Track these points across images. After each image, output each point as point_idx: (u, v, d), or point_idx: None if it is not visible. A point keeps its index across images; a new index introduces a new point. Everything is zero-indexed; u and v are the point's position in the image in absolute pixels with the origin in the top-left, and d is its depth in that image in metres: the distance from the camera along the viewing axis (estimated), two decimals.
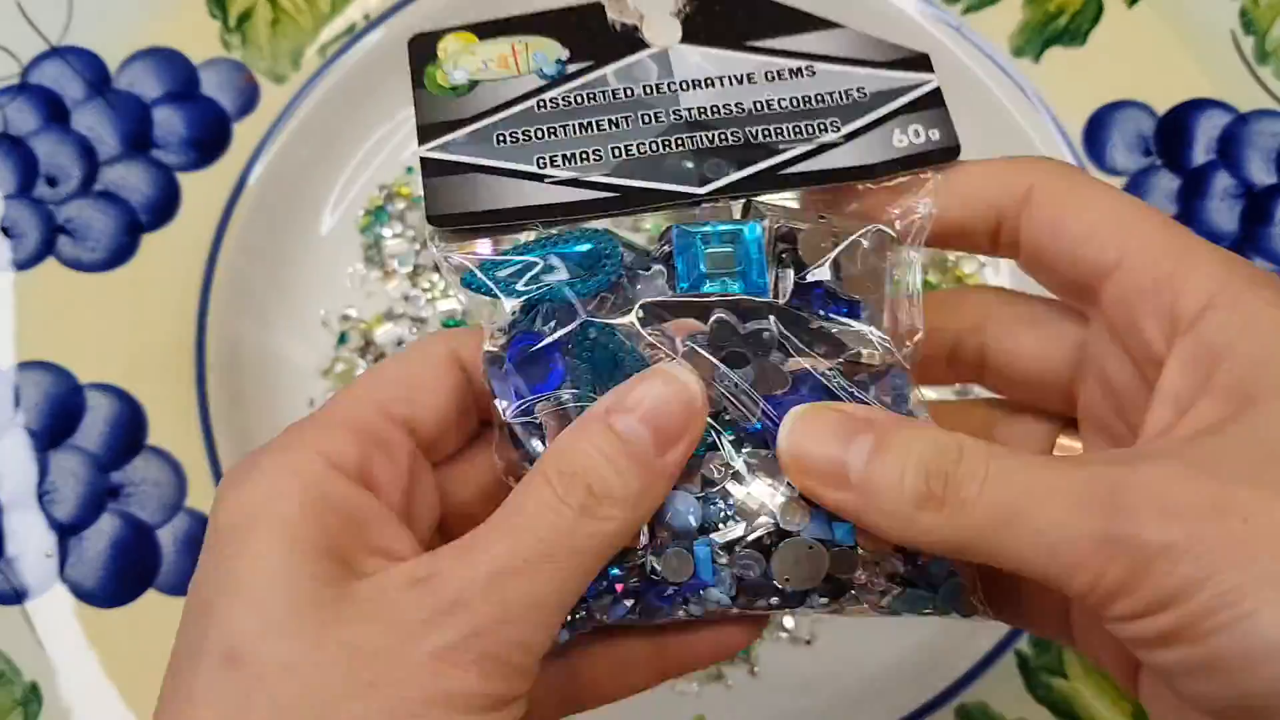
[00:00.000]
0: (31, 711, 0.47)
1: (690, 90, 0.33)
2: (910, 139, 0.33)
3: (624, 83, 0.33)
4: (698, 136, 0.32)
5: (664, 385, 0.28)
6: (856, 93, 0.33)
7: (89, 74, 0.53)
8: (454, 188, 0.32)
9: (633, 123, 0.32)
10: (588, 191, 0.32)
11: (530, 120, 0.32)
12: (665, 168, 0.32)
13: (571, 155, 0.32)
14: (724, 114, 0.33)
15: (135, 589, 0.48)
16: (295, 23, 0.54)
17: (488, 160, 0.32)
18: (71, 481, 0.49)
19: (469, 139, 0.32)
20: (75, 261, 0.51)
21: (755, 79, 0.33)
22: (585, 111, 0.33)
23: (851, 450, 0.27)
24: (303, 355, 0.52)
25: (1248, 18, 0.52)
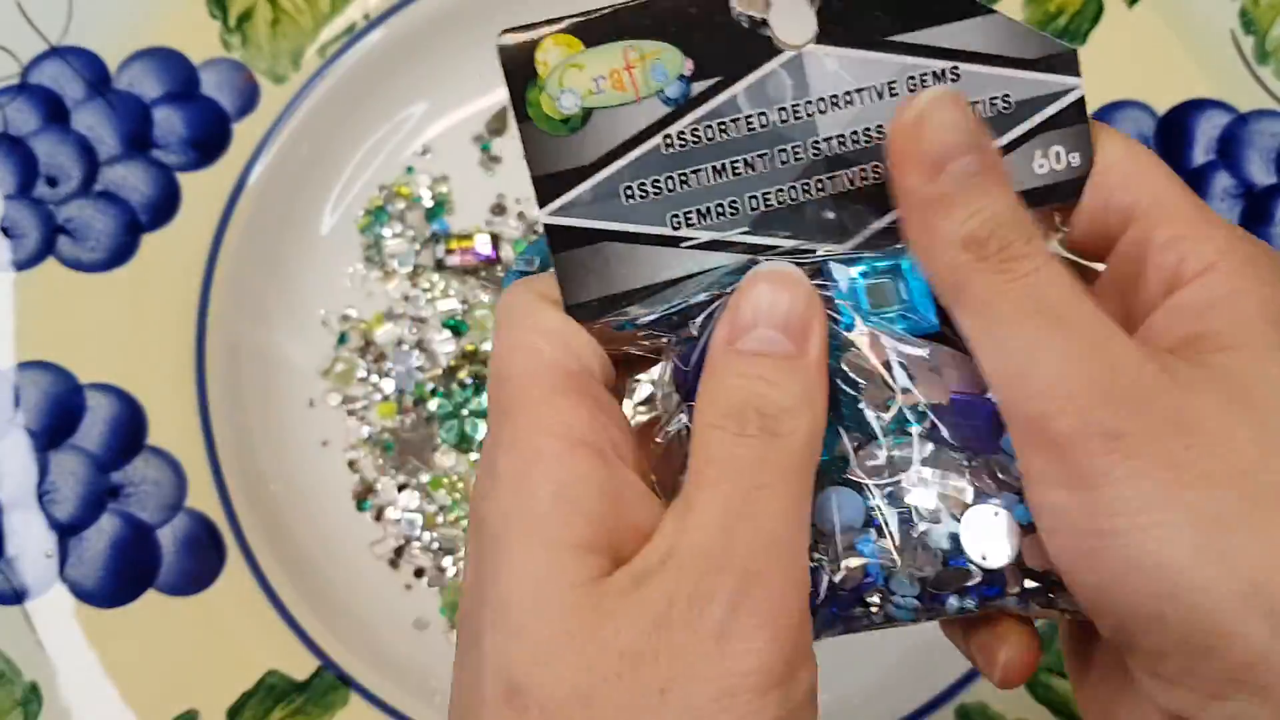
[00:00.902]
0: (31, 711, 0.47)
1: (829, 111, 0.29)
2: (1051, 164, 0.30)
3: (756, 106, 0.29)
4: (838, 177, 0.29)
5: (767, 286, 0.27)
6: (1001, 102, 0.29)
7: (89, 74, 0.53)
8: (585, 265, 0.28)
9: (769, 162, 0.29)
10: (729, 255, 0.29)
11: (659, 166, 0.28)
12: (807, 219, 0.29)
13: (707, 211, 0.29)
14: (864, 143, 0.29)
15: (135, 589, 0.48)
16: (295, 23, 0.54)
17: (618, 224, 0.28)
18: (71, 481, 0.49)
19: (594, 196, 0.28)
20: (75, 261, 0.51)
21: (897, 89, 0.29)
22: (718, 150, 0.29)
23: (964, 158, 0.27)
24: (303, 355, 0.52)
25: (1248, 17, 0.52)
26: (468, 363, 0.51)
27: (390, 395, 0.51)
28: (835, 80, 0.29)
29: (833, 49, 0.29)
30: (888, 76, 0.29)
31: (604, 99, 0.28)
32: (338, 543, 0.50)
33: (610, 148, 0.28)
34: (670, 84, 0.28)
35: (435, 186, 0.54)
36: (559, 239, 0.28)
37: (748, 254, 0.29)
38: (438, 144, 0.54)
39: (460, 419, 0.51)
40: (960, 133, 0.27)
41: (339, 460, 0.51)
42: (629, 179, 0.28)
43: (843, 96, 0.29)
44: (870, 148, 0.29)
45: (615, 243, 0.28)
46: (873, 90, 0.29)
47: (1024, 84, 0.29)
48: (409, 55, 0.54)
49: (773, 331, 0.27)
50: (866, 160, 0.29)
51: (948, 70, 0.29)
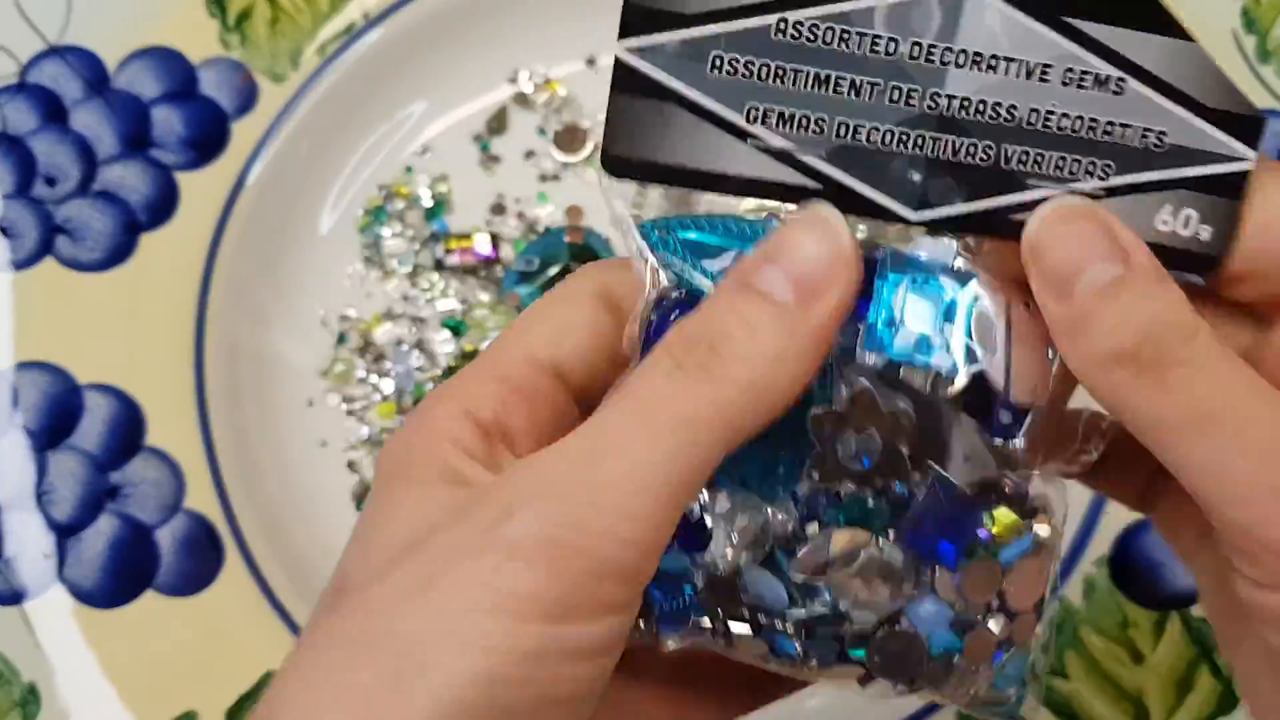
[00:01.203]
0: (30, 712, 0.47)
1: (967, 68, 0.26)
2: (1177, 226, 0.26)
3: (892, 30, 0.25)
4: (944, 141, 0.26)
5: (805, 229, 0.25)
6: (1154, 136, 0.26)
7: (87, 73, 0.53)
8: (642, 121, 0.26)
9: (878, 95, 0.26)
10: (792, 173, 0.26)
11: (760, 48, 0.25)
12: (888, 172, 0.26)
13: (790, 117, 0.26)
14: (989, 117, 0.26)
15: (134, 589, 0.48)
16: (294, 22, 0.54)
17: (693, 92, 0.26)
18: (70, 482, 0.49)
19: (681, 49, 0.25)
20: (73, 261, 0.51)
21: (1050, 76, 0.26)
22: (828, 59, 0.25)
23: (1093, 269, 0.24)
24: (302, 355, 0.52)
25: (1249, 17, 0.52)
26: (467, 363, 0.51)
27: (389, 395, 0.51)
28: (989, 37, 0.26)
29: (1001, 4, 0.26)
30: (1046, 57, 0.26)
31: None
32: (337, 543, 0.49)
33: (718, 6, 0.25)
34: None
35: (435, 186, 0.54)
36: (625, 80, 0.26)
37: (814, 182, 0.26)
38: (437, 143, 0.54)
39: None
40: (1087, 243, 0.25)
41: (338, 461, 0.51)
42: (724, 49, 0.25)
43: (988, 58, 0.26)
44: (992, 125, 0.26)
45: (682, 109, 0.26)
46: (1024, 65, 0.26)
47: (1188, 129, 0.26)
48: (408, 54, 0.54)
49: (781, 274, 0.24)
50: (981, 136, 0.26)
51: (1114, 79, 0.26)
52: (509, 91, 0.55)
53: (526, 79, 0.55)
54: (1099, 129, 0.26)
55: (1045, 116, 0.26)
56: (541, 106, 0.55)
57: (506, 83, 0.55)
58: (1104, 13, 0.25)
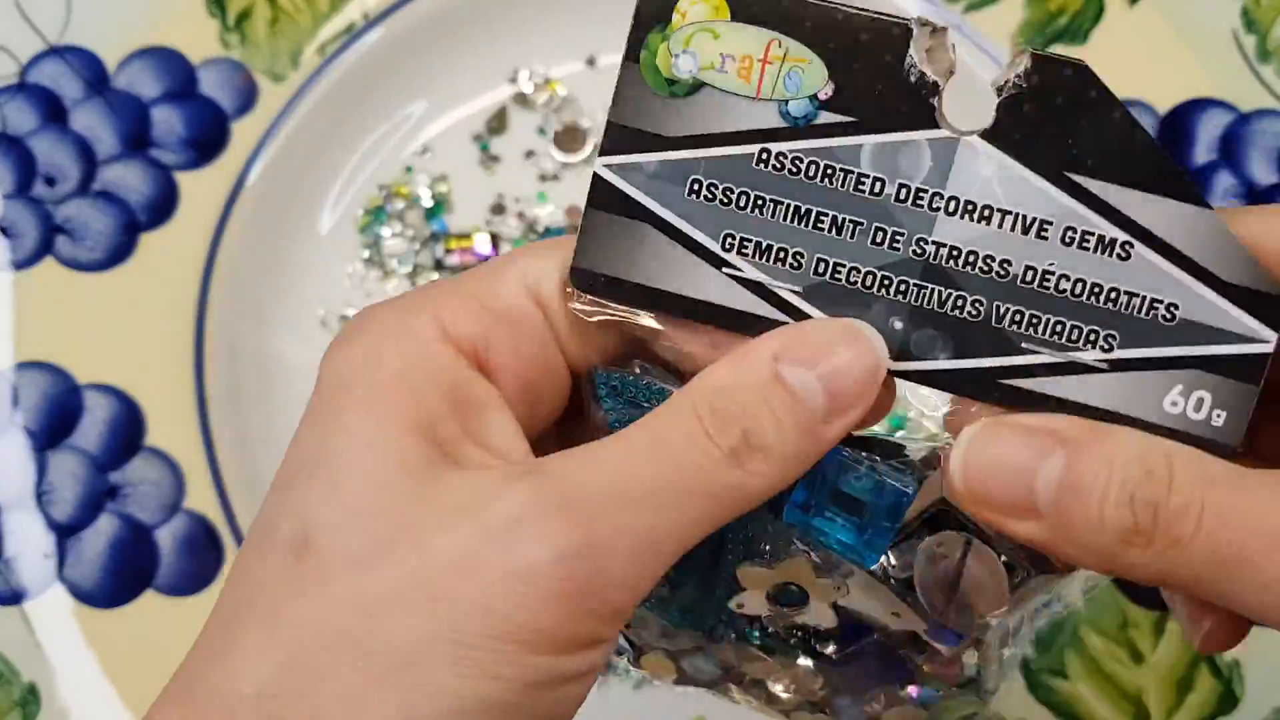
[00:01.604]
0: (30, 712, 0.47)
1: (956, 216, 0.24)
2: (1187, 409, 0.24)
3: (880, 170, 0.25)
4: (929, 291, 0.25)
5: (847, 345, 0.24)
6: (1164, 309, 0.24)
7: (87, 73, 0.53)
8: (615, 236, 0.25)
9: (861, 235, 0.25)
10: (765, 306, 0.25)
11: (741, 177, 0.25)
12: (868, 314, 0.25)
13: (767, 249, 0.25)
14: (980, 270, 0.24)
15: (133, 589, 0.48)
16: (294, 22, 0.54)
17: (669, 213, 0.25)
18: (70, 482, 0.49)
19: (661, 170, 0.25)
20: (73, 261, 0.51)
21: (1049, 233, 0.24)
22: (811, 194, 0.25)
23: (1040, 477, 0.23)
24: (302, 355, 0.52)
25: (1249, 17, 0.52)
26: None
27: None
28: (982, 187, 0.24)
29: (997, 153, 0.24)
30: (1045, 214, 0.24)
31: (723, 80, 0.25)
32: None
33: (702, 132, 0.25)
34: (799, 99, 0.25)
35: (434, 186, 0.54)
36: (602, 196, 0.25)
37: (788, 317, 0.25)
38: (437, 143, 0.54)
39: None
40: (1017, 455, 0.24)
41: None
42: (703, 174, 0.25)
43: (980, 208, 0.24)
44: (983, 279, 0.25)
45: (657, 231, 0.25)
46: (1020, 220, 0.24)
47: (1203, 305, 0.24)
48: (408, 54, 0.54)
49: (820, 387, 0.24)
50: (971, 291, 0.25)
51: (1120, 242, 0.24)
52: (509, 91, 0.55)
53: (526, 79, 0.55)
54: (1102, 295, 0.24)
55: (1043, 276, 0.24)
56: (541, 106, 0.55)
57: (506, 82, 0.55)
58: (1112, 172, 0.24)
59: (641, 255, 0.25)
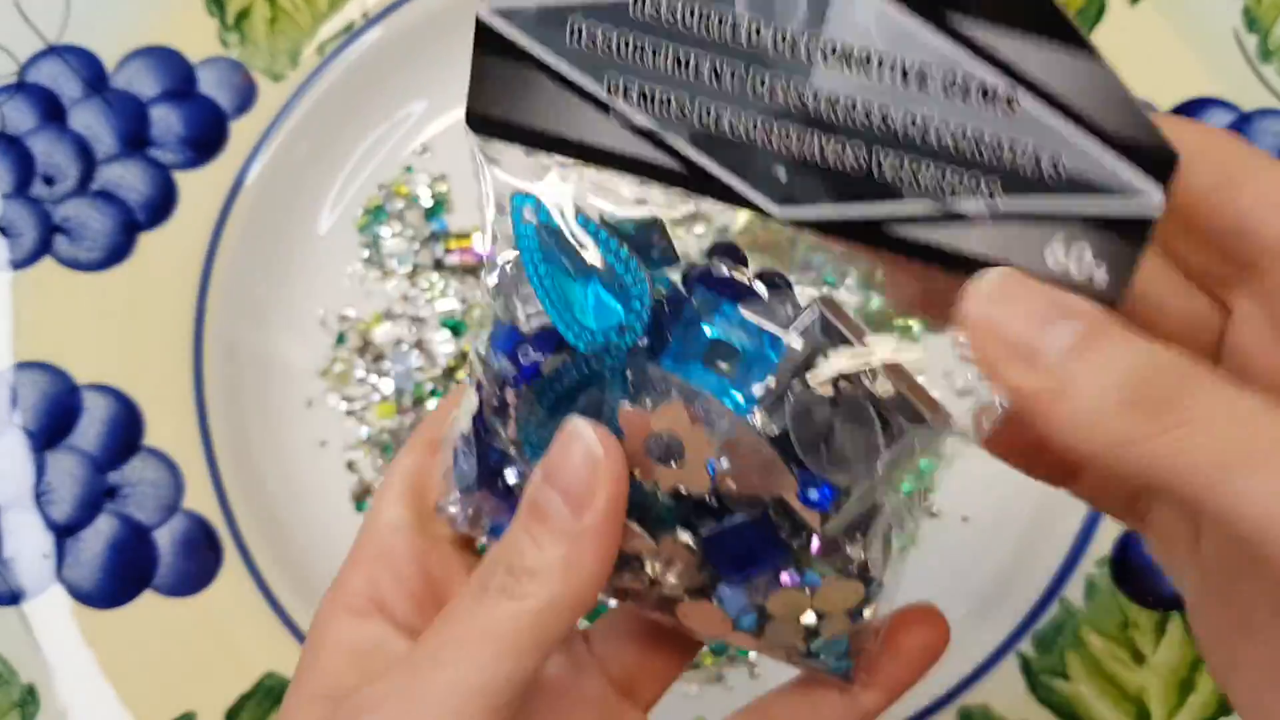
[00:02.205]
0: (29, 713, 0.47)
1: (834, 65, 0.23)
2: (1069, 264, 0.24)
3: (754, 13, 0.24)
4: (810, 138, 0.24)
5: (564, 444, 0.27)
6: (1049, 162, 0.23)
7: (86, 73, 0.53)
8: (505, 82, 0.25)
9: (740, 83, 0.24)
10: (656, 152, 0.25)
11: (617, 20, 0.24)
12: (752, 164, 0.25)
13: (650, 95, 0.25)
14: (860, 120, 0.24)
15: (132, 590, 0.48)
16: (293, 21, 0.54)
17: (553, 59, 0.25)
18: (68, 482, 0.49)
19: (539, 17, 0.25)
20: (72, 261, 0.51)
21: (930, 83, 0.23)
22: (687, 39, 0.24)
23: (1052, 332, 0.22)
24: (301, 355, 0.52)
25: (1251, 16, 0.52)
26: (466, 363, 0.51)
27: (389, 395, 0.51)
28: (860, 33, 0.23)
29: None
30: (926, 60, 0.23)
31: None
32: (336, 544, 0.49)
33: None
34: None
35: (434, 185, 0.54)
36: (487, 40, 0.25)
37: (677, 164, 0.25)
38: (437, 143, 0.54)
39: None
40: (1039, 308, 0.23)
41: (337, 461, 0.51)
42: (581, 20, 0.25)
43: (859, 55, 0.23)
44: (863, 129, 0.24)
45: (543, 75, 0.25)
46: (898, 67, 0.23)
47: (1088, 158, 0.23)
48: (408, 53, 0.54)
49: (553, 492, 0.26)
50: (851, 139, 0.24)
51: (1003, 91, 0.23)
52: None
53: None
54: (984, 145, 0.23)
55: (924, 125, 0.24)
56: None
57: None
58: (996, 15, 0.23)
59: (531, 99, 0.25)
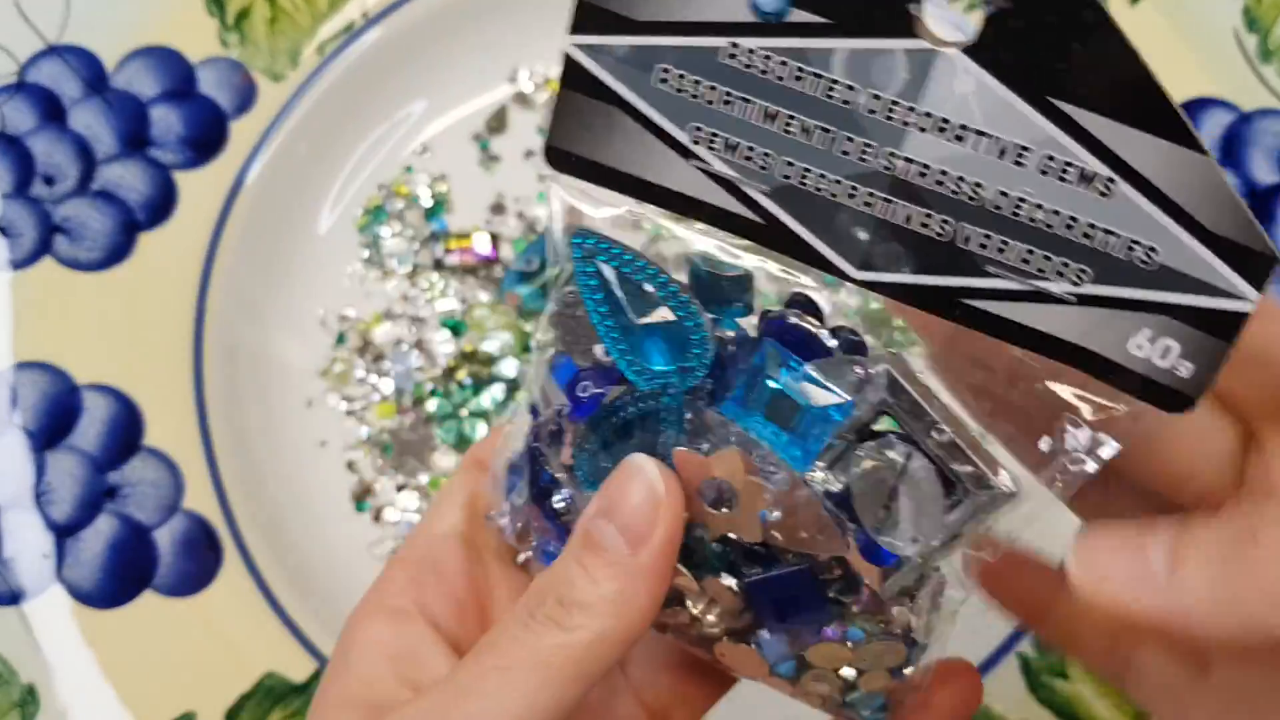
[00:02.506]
0: (29, 713, 0.47)
1: (929, 133, 0.23)
2: (1153, 354, 0.23)
3: (852, 77, 0.23)
4: (895, 207, 0.24)
5: (625, 479, 0.27)
6: (1141, 251, 0.23)
7: (86, 73, 0.53)
8: (587, 118, 0.25)
9: (830, 143, 0.24)
10: (736, 203, 0.25)
11: (711, 68, 0.24)
12: (834, 223, 0.24)
13: (734, 146, 0.24)
14: (948, 191, 0.23)
15: (132, 590, 0.48)
16: (293, 21, 0.54)
17: (638, 99, 0.24)
18: (68, 482, 0.49)
19: (630, 54, 0.24)
20: (72, 261, 0.51)
21: (1026, 160, 0.23)
22: (781, 95, 0.24)
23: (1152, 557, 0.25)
24: (300, 355, 0.52)
25: (1250, 16, 0.52)
26: (466, 363, 0.51)
27: (389, 395, 0.51)
28: (959, 105, 0.23)
29: (978, 70, 0.23)
30: (1022, 139, 0.23)
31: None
32: (336, 543, 0.50)
33: (670, 18, 0.24)
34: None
35: (434, 185, 0.54)
36: (574, 76, 0.25)
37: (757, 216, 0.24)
38: (436, 143, 0.54)
39: (459, 419, 0.51)
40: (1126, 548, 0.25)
41: (337, 461, 0.51)
42: (671, 62, 0.24)
43: (955, 127, 0.23)
44: (951, 199, 0.23)
45: (627, 115, 0.25)
46: (994, 143, 0.23)
47: (1184, 252, 0.23)
48: (407, 53, 0.54)
49: (611, 526, 0.27)
50: (938, 209, 0.24)
51: (1102, 177, 0.23)
52: (508, 91, 0.55)
53: (526, 78, 0.55)
54: (1077, 229, 0.23)
55: (1016, 203, 0.23)
56: (541, 106, 0.54)
57: (506, 82, 0.55)
58: (1101, 102, 0.23)
59: (613, 139, 0.25)
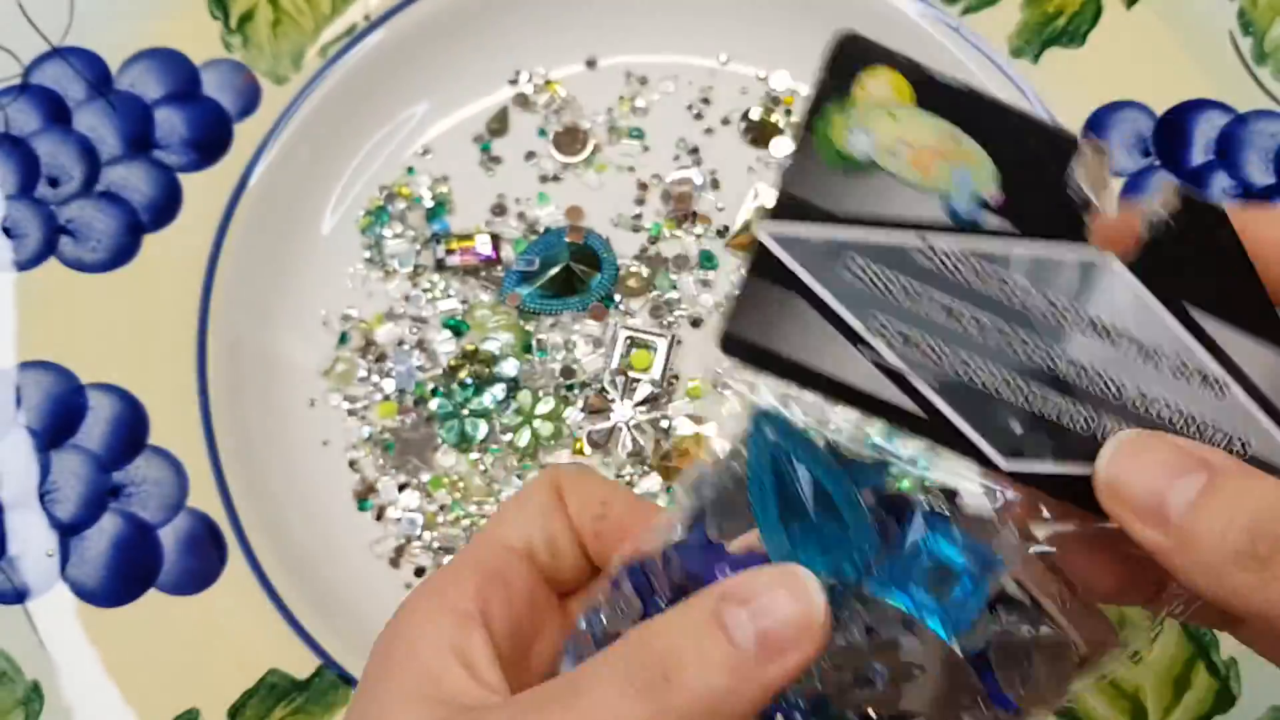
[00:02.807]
0: (33, 710, 0.47)
1: (1087, 335, 0.26)
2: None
3: (1029, 279, 0.25)
4: (1050, 400, 0.26)
5: (786, 588, 0.25)
6: (1239, 445, 0.26)
7: (90, 74, 0.53)
8: (768, 306, 0.26)
9: (1001, 341, 0.26)
10: (898, 394, 0.26)
11: (899, 264, 0.25)
12: (989, 415, 0.26)
13: (910, 339, 0.26)
14: (1099, 389, 0.26)
15: (136, 589, 0.48)
16: (296, 24, 0.54)
17: (824, 289, 0.26)
18: (73, 481, 0.49)
19: (820, 247, 0.25)
20: (77, 262, 0.51)
21: (1160, 362, 0.26)
22: (962, 293, 0.25)
23: (1177, 487, 0.25)
24: (303, 355, 0.52)
25: (1246, 18, 0.52)
26: (468, 363, 0.52)
27: (391, 395, 0.52)
28: (1116, 310, 0.26)
29: (1133, 280, 0.26)
30: (1163, 344, 0.26)
31: (895, 165, 0.25)
32: (339, 542, 0.50)
33: (867, 214, 0.25)
34: (964, 198, 0.25)
35: (436, 187, 0.54)
36: (761, 265, 0.26)
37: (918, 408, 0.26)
38: (438, 144, 0.54)
39: (460, 419, 0.51)
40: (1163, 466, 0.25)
41: (340, 460, 0.51)
42: (862, 256, 0.25)
43: (1112, 330, 0.26)
44: (1098, 396, 0.26)
45: (808, 305, 0.26)
46: (1141, 347, 0.26)
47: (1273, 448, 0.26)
48: (410, 56, 0.54)
49: (750, 626, 0.25)
50: (1086, 405, 0.26)
51: (1219, 380, 0.26)
52: (509, 93, 0.55)
53: (527, 80, 0.55)
54: (1193, 426, 0.26)
55: (1149, 401, 0.26)
56: (542, 108, 0.55)
57: (507, 84, 0.55)
58: (1225, 312, 0.26)
59: (791, 329, 0.26)
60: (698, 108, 0.54)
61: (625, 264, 0.52)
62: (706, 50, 0.55)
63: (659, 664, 0.24)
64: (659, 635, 0.25)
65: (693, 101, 0.55)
